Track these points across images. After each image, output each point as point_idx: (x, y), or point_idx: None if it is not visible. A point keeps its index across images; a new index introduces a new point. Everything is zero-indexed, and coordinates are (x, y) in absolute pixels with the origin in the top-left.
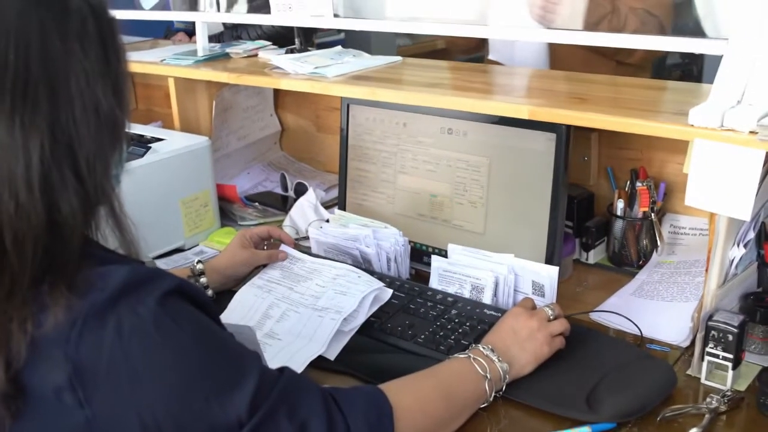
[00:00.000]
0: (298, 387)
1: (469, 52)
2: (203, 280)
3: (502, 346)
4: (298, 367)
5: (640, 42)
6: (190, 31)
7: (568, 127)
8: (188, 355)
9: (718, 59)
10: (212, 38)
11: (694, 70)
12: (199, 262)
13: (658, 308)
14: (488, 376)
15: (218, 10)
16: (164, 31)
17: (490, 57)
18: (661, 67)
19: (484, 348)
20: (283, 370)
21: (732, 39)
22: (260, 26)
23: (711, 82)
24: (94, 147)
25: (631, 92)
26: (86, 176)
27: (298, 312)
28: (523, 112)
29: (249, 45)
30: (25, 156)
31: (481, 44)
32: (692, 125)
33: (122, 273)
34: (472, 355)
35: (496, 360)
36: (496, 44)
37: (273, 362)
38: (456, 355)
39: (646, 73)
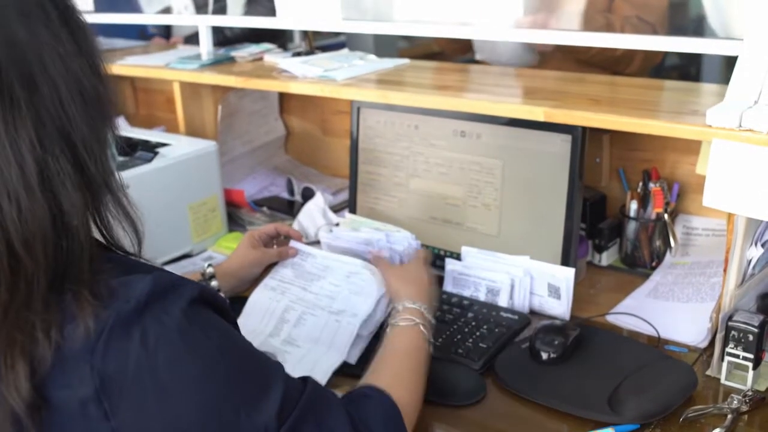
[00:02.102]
0: (322, 398)
1: (462, 54)
2: (214, 283)
3: (423, 297)
4: (323, 376)
5: (656, 43)
6: (164, 35)
7: (584, 128)
8: (215, 365)
9: (716, 59)
10: (194, 37)
11: (692, 71)
12: (209, 266)
13: (674, 309)
14: (429, 331)
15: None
16: (137, 36)
17: (478, 57)
18: (659, 69)
19: (416, 305)
20: (306, 381)
21: (747, 39)
22: None
23: (709, 82)
24: (86, 129)
25: (643, 93)
26: (86, 160)
27: (315, 315)
28: (538, 113)
29: (254, 48)
30: (17, 158)
31: (470, 46)
32: (710, 126)
33: (147, 282)
34: (417, 320)
35: (426, 312)
36: (485, 45)
37: (295, 371)
38: (401, 324)
39: None
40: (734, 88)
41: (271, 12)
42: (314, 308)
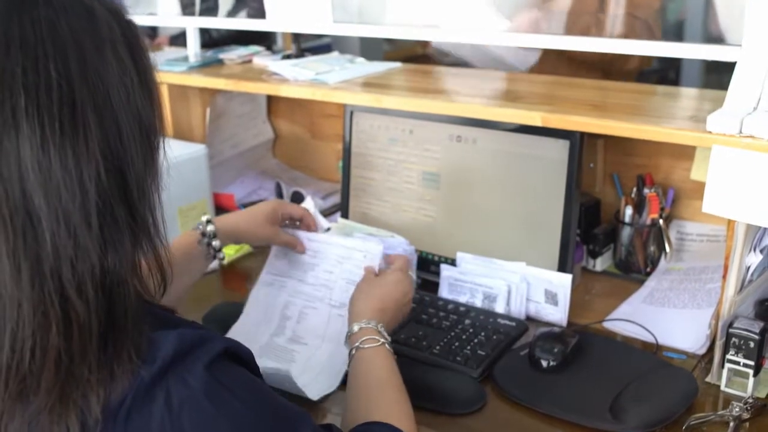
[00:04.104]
0: None
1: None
2: (216, 243)
3: (387, 318)
4: (337, 375)
5: (651, 49)
6: (150, 35)
7: (582, 133)
8: (244, 422)
9: (696, 64)
10: (179, 37)
11: (671, 75)
12: (209, 222)
13: (671, 315)
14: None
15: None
16: None
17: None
18: (639, 73)
19: (379, 328)
20: (332, 428)
21: (745, 45)
22: None
23: (688, 86)
24: (141, 166)
25: (637, 98)
26: (137, 201)
27: (315, 307)
28: (535, 119)
29: (242, 50)
30: (81, 189)
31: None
32: (710, 132)
33: (170, 342)
34: (383, 342)
35: (382, 329)
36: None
37: (307, 369)
38: (368, 345)
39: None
40: (733, 94)
41: (259, 13)
42: (313, 300)
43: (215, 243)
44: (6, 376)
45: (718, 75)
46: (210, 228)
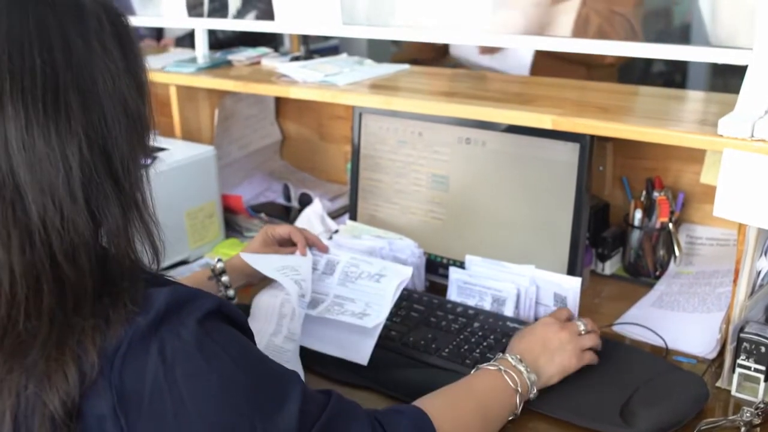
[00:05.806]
0: (347, 413)
1: (437, 61)
2: (225, 278)
3: (531, 356)
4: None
5: (662, 52)
6: (155, 37)
7: (592, 137)
8: (233, 379)
9: (702, 67)
10: (185, 39)
11: (677, 78)
12: (219, 260)
13: (680, 319)
14: (519, 389)
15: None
16: None
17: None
18: (645, 75)
19: (512, 358)
20: (330, 394)
21: (756, 48)
22: None
23: (694, 89)
24: (127, 148)
25: (646, 101)
26: (122, 179)
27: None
28: (546, 122)
29: (251, 52)
30: (64, 165)
31: (445, 52)
32: (721, 135)
33: (164, 296)
34: (502, 368)
35: (525, 371)
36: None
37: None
38: (485, 366)
39: (613, 77)
40: (744, 98)
41: (266, 14)
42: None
43: (224, 279)
44: (2, 336)
45: (723, 78)
46: (219, 265)
